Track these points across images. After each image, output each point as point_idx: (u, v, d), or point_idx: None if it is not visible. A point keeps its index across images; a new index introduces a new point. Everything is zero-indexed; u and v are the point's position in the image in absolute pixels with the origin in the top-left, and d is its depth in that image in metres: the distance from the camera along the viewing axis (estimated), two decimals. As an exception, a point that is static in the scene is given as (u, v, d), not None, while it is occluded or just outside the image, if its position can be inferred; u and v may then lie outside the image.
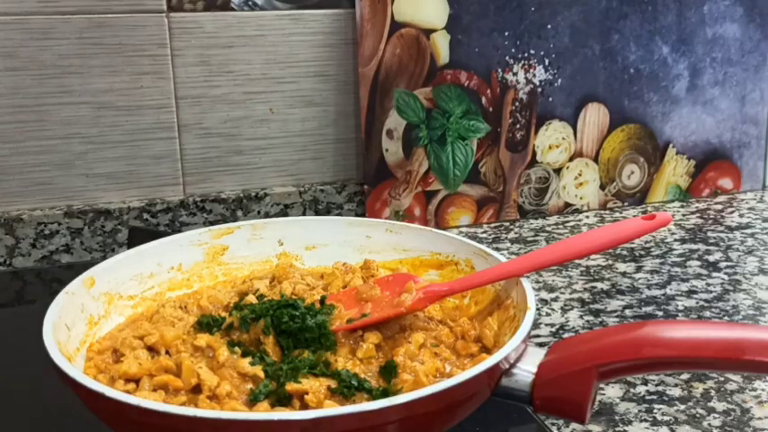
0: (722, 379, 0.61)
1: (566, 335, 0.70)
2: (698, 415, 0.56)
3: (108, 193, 0.91)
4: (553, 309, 0.75)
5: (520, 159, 1.03)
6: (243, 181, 0.97)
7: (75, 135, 0.88)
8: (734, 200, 1.13)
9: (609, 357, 0.44)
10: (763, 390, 0.59)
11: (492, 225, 1.03)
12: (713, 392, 0.59)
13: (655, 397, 0.58)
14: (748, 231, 0.98)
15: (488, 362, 0.43)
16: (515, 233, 0.99)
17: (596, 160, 1.08)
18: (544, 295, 0.78)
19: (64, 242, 0.89)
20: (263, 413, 0.42)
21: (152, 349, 0.50)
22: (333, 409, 0.40)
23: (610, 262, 0.87)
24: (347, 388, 0.46)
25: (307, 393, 0.44)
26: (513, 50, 1.00)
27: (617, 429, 0.54)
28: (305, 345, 0.50)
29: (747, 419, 0.55)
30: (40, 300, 0.83)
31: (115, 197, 0.92)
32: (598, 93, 1.05)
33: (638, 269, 0.85)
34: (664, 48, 1.07)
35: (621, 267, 0.86)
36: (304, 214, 0.98)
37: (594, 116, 1.06)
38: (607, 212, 1.08)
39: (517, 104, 1.01)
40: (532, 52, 1.01)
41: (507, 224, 1.03)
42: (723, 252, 0.90)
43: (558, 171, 1.06)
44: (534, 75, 1.01)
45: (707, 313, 0.74)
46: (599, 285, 0.81)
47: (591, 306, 0.76)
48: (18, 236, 0.87)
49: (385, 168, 0.98)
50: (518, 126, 1.02)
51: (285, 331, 0.50)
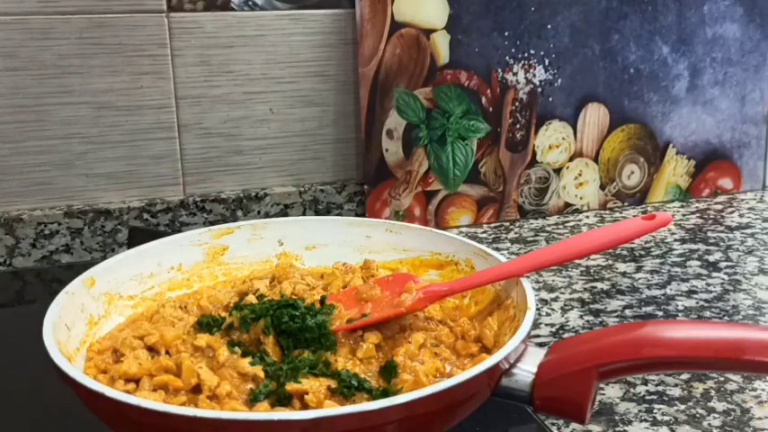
0: (722, 379, 0.61)
1: (566, 335, 0.70)
2: (698, 415, 0.56)
3: (108, 193, 0.91)
4: (553, 309, 0.75)
5: (520, 159, 1.03)
6: (243, 181, 0.97)
7: (75, 135, 0.89)
8: (734, 200, 1.13)
9: (609, 357, 0.44)
10: (763, 390, 0.59)
11: (492, 225, 1.03)
12: (713, 392, 0.59)
13: (655, 397, 0.58)
14: (748, 231, 0.98)
15: (488, 362, 0.43)
16: (515, 233, 0.99)
17: (596, 160, 1.08)
18: (544, 295, 0.78)
19: (64, 242, 0.89)
20: (263, 413, 0.42)
21: (152, 349, 0.50)
22: (333, 409, 0.40)
23: (610, 262, 0.87)
24: (347, 388, 0.46)
25: (307, 393, 0.44)
26: (513, 50, 1.00)
27: (617, 429, 0.54)
28: (305, 345, 0.50)
29: (747, 419, 0.55)
30: (40, 300, 0.83)
31: (115, 197, 0.92)
32: (598, 93, 1.05)
33: (638, 269, 0.85)
34: (664, 48, 1.07)
35: (621, 267, 0.86)
36: (304, 214, 0.98)
37: (594, 116, 1.06)
38: (607, 212, 1.08)
39: (517, 104, 1.01)
40: (532, 52, 1.01)
41: (507, 224, 1.03)
42: (723, 252, 0.90)
43: (558, 171, 1.06)
44: (534, 75, 1.01)
45: (707, 313, 0.74)
46: (599, 285, 0.81)
47: (591, 306, 0.76)
48: (18, 236, 0.87)
49: (385, 168, 0.98)
50: (518, 126, 1.02)
51: (285, 331, 0.50)
